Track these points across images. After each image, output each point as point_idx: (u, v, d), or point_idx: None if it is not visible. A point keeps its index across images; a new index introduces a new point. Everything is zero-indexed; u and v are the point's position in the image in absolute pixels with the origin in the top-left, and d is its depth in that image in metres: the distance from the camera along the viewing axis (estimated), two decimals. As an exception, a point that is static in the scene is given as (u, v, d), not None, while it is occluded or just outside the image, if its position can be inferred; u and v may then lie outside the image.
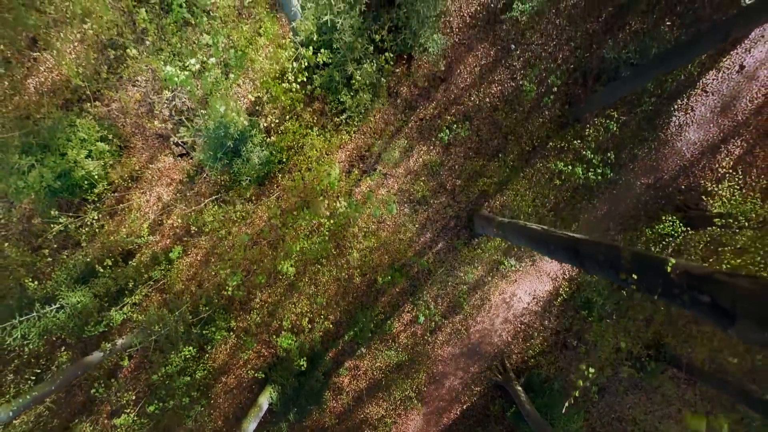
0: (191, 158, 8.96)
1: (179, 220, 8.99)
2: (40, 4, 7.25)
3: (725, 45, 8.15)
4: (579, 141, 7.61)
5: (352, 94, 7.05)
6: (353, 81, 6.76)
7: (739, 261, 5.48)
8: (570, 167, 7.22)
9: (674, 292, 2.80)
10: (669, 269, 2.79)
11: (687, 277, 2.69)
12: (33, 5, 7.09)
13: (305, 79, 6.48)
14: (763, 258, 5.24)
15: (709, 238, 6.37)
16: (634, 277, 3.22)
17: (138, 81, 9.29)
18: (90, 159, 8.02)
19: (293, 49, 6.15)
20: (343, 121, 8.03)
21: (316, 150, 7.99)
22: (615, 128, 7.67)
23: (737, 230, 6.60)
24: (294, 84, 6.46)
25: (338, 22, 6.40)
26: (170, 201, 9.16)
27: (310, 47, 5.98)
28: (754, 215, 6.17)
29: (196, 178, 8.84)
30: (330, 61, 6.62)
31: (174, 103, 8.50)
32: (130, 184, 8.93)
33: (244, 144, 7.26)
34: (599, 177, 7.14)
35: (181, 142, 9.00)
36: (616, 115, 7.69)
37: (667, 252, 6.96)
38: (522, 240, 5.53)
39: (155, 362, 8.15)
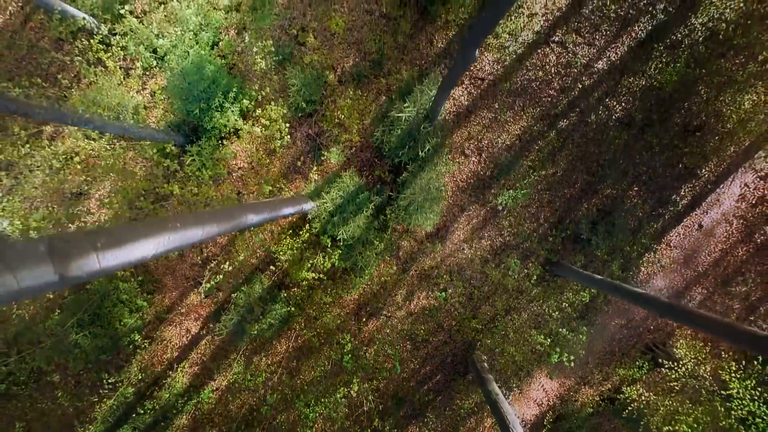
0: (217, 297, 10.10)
1: (207, 350, 10.13)
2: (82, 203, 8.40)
3: (687, 206, 9.30)
4: (557, 312, 8.78)
5: (360, 277, 8.20)
6: (362, 270, 7.91)
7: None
8: (548, 340, 8.37)
9: None
10: None
11: None
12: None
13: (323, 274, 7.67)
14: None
15: (669, 407, 7.51)
16: None
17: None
18: (130, 314, 9.16)
19: (310, 263, 7.32)
20: (351, 278, 9.18)
21: (326, 303, 9.15)
22: (588, 299, 8.83)
23: (692, 389, 7.74)
24: (312, 276, 7.64)
25: (349, 229, 7.55)
26: (198, 334, 10.30)
27: (325, 258, 7.14)
28: (704, 390, 7.31)
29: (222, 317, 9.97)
30: (343, 258, 7.77)
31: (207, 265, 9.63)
32: (160, 325, 10.05)
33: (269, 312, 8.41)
34: (571, 363, 8.30)
35: (208, 285, 10.14)
36: (587, 292, 8.85)
37: (635, 406, 8.11)
38: (501, 427, 6.66)
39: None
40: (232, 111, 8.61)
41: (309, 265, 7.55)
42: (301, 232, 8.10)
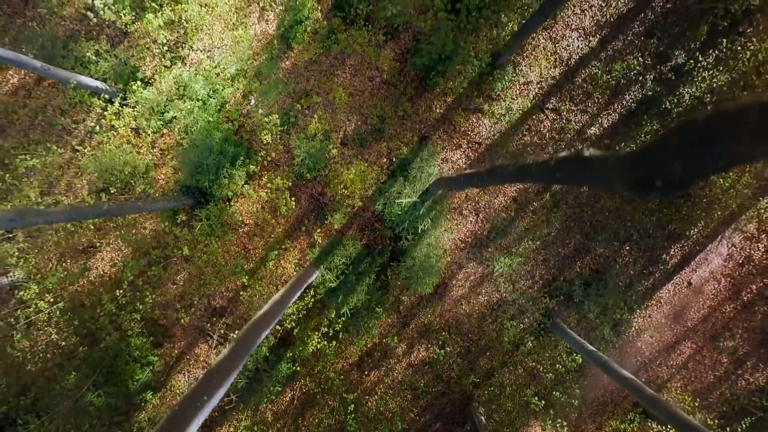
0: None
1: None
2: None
3: (675, 267, 9.65)
4: (551, 373, 9.16)
5: (363, 337, 8.58)
6: (365, 334, 8.30)
7: None
8: (542, 402, 8.77)
9: None
10: None
11: None
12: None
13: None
14: None
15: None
16: None
17: (178, 280, 10.82)
18: (141, 368, 9.54)
19: (316, 334, 7.70)
20: (353, 338, 9.55)
21: (330, 361, 9.52)
22: (580, 361, 9.20)
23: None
24: (317, 343, 8.01)
25: (353, 301, 7.92)
26: (206, 383, 10.68)
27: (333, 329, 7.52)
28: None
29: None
30: (347, 325, 8.15)
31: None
32: (170, 374, 10.43)
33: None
34: (564, 430, 8.68)
35: (216, 335, 10.52)
36: (580, 355, 9.23)
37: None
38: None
39: None
40: (239, 176, 8.97)
41: (315, 336, 7.93)
42: (306, 298, 8.47)
